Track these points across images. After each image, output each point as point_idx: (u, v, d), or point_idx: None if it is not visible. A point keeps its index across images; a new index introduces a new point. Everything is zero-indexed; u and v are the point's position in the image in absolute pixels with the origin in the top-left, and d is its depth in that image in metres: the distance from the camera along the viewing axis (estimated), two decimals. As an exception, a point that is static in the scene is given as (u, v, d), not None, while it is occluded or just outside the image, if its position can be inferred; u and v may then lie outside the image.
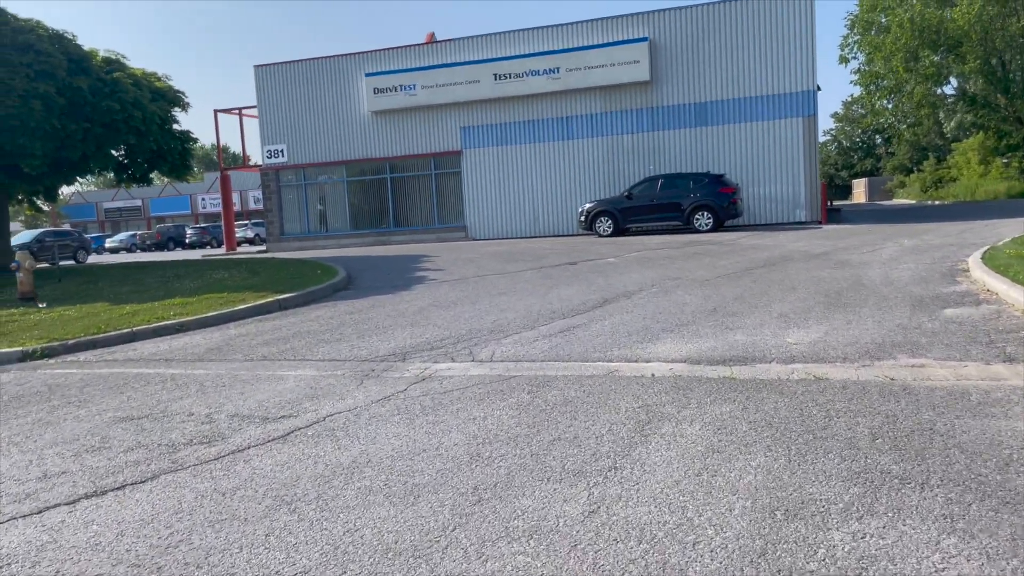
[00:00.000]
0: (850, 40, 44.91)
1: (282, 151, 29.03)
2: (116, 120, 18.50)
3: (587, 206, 22.52)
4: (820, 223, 22.32)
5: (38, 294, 12.85)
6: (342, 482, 3.93)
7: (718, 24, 23.95)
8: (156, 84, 21.13)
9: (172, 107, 21.55)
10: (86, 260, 35.04)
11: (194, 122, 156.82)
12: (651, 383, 5.39)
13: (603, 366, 6.03)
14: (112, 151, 20.63)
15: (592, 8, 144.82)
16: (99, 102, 18.21)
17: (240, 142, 32.95)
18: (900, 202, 49.37)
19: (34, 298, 12.53)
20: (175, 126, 22.07)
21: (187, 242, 48.28)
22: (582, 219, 22.48)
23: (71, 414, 5.82)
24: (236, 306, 10.55)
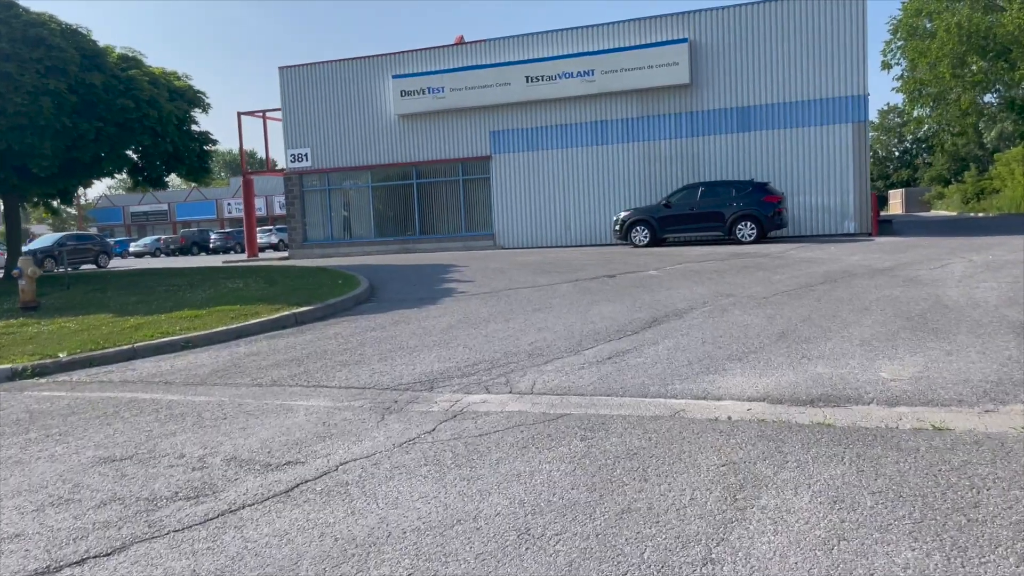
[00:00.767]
0: (892, 45, 43.52)
1: (306, 155, 28.31)
2: (130, 119, 17.58)
3: (622, 215, 21.50)
4: (871, 235, 21.07)
5: (41, 303, 12.07)
6: (354, 568, 3.05)
7: (762, 24, 22.75)
8: (175, 83, 20.29)
9: (192, 107, 20.65)
10: (107, 264, 34.61)
11: (219, 125, 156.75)
12: (730, 430, 4.46)
13: (666, 404, 5.11)
14: (126, 152, 19.80)
15: (629, 8, 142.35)
16: (113, 100, 17.30)
17: (264, 145, 32.38)
18: (940, 213, 47.73)
19: (36, 307, 11.74)
20: (194, 127, 21.20)
21: (211, 247, 48.30)
22: (616, 228, 21.47)
23: (47, 451, 5.01)
24: (248, 320, 9.74)
